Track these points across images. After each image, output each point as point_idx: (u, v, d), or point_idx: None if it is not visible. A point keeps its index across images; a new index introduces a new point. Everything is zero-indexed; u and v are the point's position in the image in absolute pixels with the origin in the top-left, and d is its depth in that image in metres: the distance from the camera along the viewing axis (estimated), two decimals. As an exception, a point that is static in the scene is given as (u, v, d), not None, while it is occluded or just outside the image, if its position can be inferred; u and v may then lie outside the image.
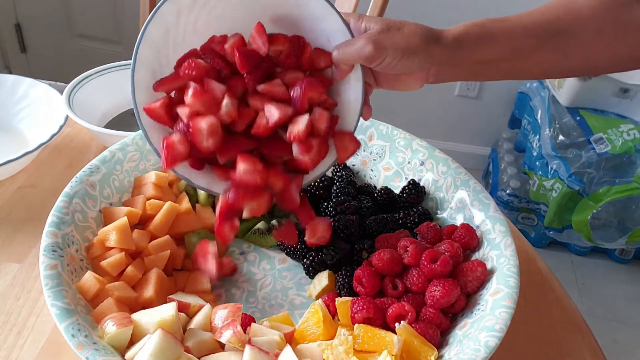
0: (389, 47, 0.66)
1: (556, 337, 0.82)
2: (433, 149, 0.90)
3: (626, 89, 2.09)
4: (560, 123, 2.14)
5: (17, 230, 0.91)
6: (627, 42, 0.70)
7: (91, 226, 0.77)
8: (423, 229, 0.81)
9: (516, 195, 2.35)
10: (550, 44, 0.70)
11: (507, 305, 0.67)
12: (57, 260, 0.69)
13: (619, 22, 0.69)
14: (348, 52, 0.68)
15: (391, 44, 0.66)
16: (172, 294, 0.73)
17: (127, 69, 1.19)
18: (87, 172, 0.80)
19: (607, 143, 2.05)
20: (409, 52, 0.66)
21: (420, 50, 0.66)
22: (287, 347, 0.65)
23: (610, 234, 2.19)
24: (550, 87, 2.25)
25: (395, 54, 0.66)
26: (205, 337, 0.66)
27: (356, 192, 0.89)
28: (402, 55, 0.66)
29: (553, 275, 0.92)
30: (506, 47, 0.69)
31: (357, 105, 0.73)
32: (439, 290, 0.69)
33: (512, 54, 0.70)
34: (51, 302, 0.64)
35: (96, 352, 0.60)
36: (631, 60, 0.72)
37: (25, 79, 1.13)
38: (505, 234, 0.76)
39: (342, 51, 0.69)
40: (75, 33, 2.78)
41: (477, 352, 0.62)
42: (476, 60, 0.70)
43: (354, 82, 0.72)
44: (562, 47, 0.70)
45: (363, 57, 0.67)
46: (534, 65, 0.72)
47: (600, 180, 2.10)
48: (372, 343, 0.66)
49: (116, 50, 2.77)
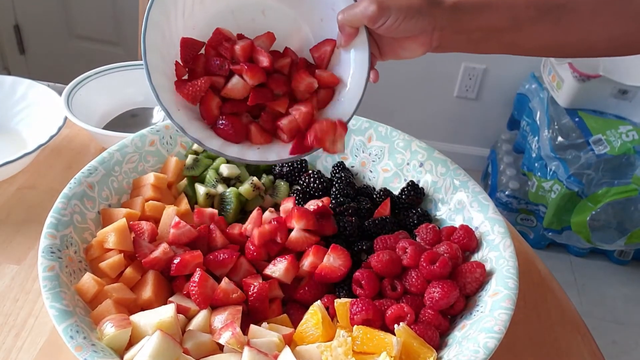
0: (392, 7, 0.69)
1: (555, 338, 0.82)
2: (432, 150, 0.90)
3: (625, 91, 2.09)
4: (559, 124, 2.14)
5: (15, 231, 0.91)
6: (622, 26, 0.72)
7: (90, 228, 0.77)
8: (422, 230, 0.80)
9: (515, 196, 2.35)
10: (550, 16, 0.71)
11: (506, 307, 0.67)
12: (56, 261, 0.69)
13: (616, 3, 0.71)
14: (352, 13, 0.71)
15: (394, 3, 0.69)
16: (171, 297, 0.73)
17: (126, 71, 1.19)
18: (85, 173, 0.80)
19: (605, 144, 2.05)
20: (411, 12, 0.69)
21: (423, 10, 0.69)
22: (286, 349, 0.65)
23: (609, 236, 2.19)
24: (549, 89, 2.25)
25: (398, 14, 0.69)
26: (204, 338, 0.66)
27: (355, 193, 0.89)
28: (405, 15, 0.69)
29: (552, 276, 0.92)
30: (506, 15, 0.71)
31: (364, 66, 0.75)
32: (438, 292, 0.69)
33: (511, 24, 0.72)
34: (50, 304, 0.64)
35: (95, 354, 0.60)
36: (626, 46, 0.74)
37: (24, 80, 1.13)
38: (505, 236, 0.76)
39: (347, 13, 0.72)
40: (74, 34, 2.78)
41: (476, 354, 0.62)
42: (476, 27, 0.72)
43: (360, 45, 0.75)
44: (562, 21, 0.72)
45: (367, 17, 0.70)
46: (534, 38, 0.74)
47: (599, 182, 2.10)
48: (371, 344, 0.66)
49: (115, 52, 2.77)
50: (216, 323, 0.68)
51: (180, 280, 0.73)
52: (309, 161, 0.95)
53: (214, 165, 0.89)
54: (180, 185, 0.87)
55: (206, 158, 0.90)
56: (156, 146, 0.88)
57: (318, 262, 0.75)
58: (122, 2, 2.59)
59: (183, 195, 0.86)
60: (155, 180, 0.83)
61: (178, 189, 0.87)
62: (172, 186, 0.87)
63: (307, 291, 0.75)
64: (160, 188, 0.84)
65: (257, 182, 0.87)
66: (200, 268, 0.71)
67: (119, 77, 1.18)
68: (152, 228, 0.77)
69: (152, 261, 0.73)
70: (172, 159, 0.87)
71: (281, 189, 0.89)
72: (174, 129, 0.89)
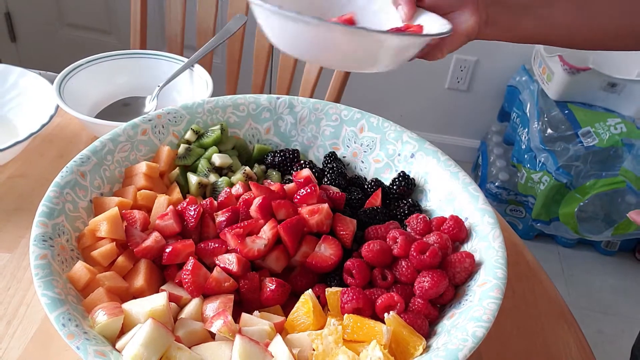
0: None
1: (543, 327, 0.83)
2: (423, 142, 0.91)
3: (614, 84, 2.11)
4: (549, 116, 2.16)
5: (7, 220, 0.91)
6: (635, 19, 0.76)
7: (82, 216, 0.77)
8: (412, 220, 0.81)
9: (505, 187, 2.37)
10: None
11: (495, 297, 0.68)
12: (48, 250, 0.69)
13: None
14: None
15: None
16: (163, 285, 0.73)
17: (118, 59, 1.19)
18: (77, 162, 0.80)
19: (594, 137, 2.07)
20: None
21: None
22: (277, 337, 0.65)
23: (596, 227, 2.22)
24: (540, 81, 2.26)
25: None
26: (196, 327, 0.66)
27: (347, 183, 0.90)
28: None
29: (540, 267, 0.93)
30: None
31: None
32: (427, 281, 0.70)
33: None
34: (41, 292, 0.64)
35: (87, 342, 0.60)
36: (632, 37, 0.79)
37: (15, 68, 1.12)
38: (494, 226, 0.77)
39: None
40: (66, 22, 2.76)
41: (465, 342, 0.63)
42: (515, 1, 0.75)
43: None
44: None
45: None
46: (562, 14, 0.77)
47: (587, 174, 2.12)
48: (361, 333, 0.66)
49: (107, 40, 2.75)
50: (208, 311, 0.68)
51: (172, 268, 0.74)
52: (301, 151, 0.95)
53: (206, 155, 0.89)
54: (172, 175, 0.87)
55: (198, 147, 0.90)
56: (148, 135, 0.88)
57: (310, 251, 0.75)
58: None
59: (175, 185, 0.86)
60: (148, 169, 0.84)
61: (170, 178, 0.87)
62: (164, 175, 0.87)
63: (298, 280, 0.75)
64: (152, 177, 0.84)
65: (249, 172, 0.87)
66: (193, 257, 0.72)
67: (111, 65, 1.18)
68: (145, 217, 0.77)
69: (144, 250, 0.73)
70: (164, 148, 0.88)
71: (273, 179, 0.89)
72: (166, 118, 0.89)
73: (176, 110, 0.91)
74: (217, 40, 1.23)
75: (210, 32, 1.56)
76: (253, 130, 0.95)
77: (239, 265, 0.71)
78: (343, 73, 1.44)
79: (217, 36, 1.24)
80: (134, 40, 1.61)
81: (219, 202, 0.80)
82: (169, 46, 1.61)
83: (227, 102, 0.94)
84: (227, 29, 1.25)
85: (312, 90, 1.48)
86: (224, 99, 0.94)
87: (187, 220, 0.77)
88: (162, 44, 2.65)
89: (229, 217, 0.77)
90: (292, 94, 1.17)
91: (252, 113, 0.95)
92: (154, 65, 1.21)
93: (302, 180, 0.83)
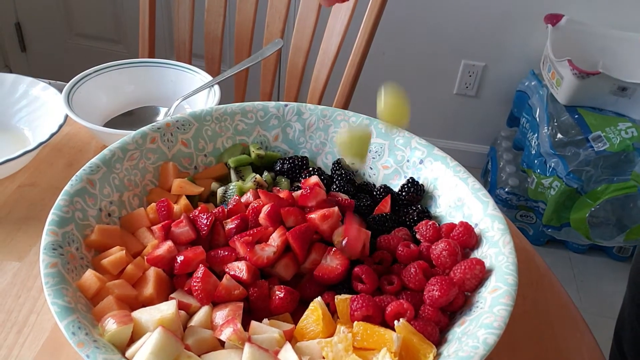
0: None
1: (554, 334, 0.82)
2: (432, 148, 0.90)
3: (624, 87, 2.10)
4: (559, 121, 2.15)
5: (17, 228, 0.91)
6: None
7: (91, 224, 0.78)
8: (422, 227, 0.81)
9: (515, 193, 2.36)
10: None
11: (506, 303, 0.67)
12: (58, 258, 0.69)
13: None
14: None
15: None
16: (173, 293, 0.73)
17: (127, 68, 1.19)
18: (87, 170, 0.81)
19: (605, 141, 2.06)
20: None
21: None
22: (287, 345, 0.65)
23: (608, 232, 2.20)
24: (549, 86, 2.25)
25: None
26: (205, 335, 0.66)
27: (355, 190, 0.89)
28: None
29: (551, 272, 0.93)
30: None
31: None
32: (437, 290, 0.70)
33: None
34: (51, 301, 0.64)
35: (97, 350, 0.60)
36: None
37: (25, 78, 1.13)
38: (504, 232, 0.76)
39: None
40: (75, 32, 2.78)
41: (476, 350, 0.62)
42: None
43: None
44: None
45: None
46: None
47: (598, 179, 2.10)
48: (371, 340, 0.66)
49: (116, 49, 2.77)
50: (217, 319, 0.68)
51: (182, 276, 0.74)
52: (309, 158, 0.95)
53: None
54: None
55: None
56: (157, 143, 0.88)
57: (319, 258, 0.75)
58: None
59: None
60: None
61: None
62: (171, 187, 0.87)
63: (307, 287, 0.75)
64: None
65: (259, 179, 0.87)
66: (204, 265, 0.72)
67: (120, 74, 1.19)
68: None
69: (156, 259, 0.73)
70: (169, 165, 0.88)
71: (282, 186, 0.89)
72: (174, 126, 0.90)
73: (185, 119, 0.91)
74: (250, 62, 1.23)
75: (218, 40, 1.56)
76: (261, 137, 0.95)
77: (248, 273, 0.71)
78: (351, 79, 1.44)
79: (250, 58, 1.24)
80: (142, 49, 1.62)
81: (229, 209, 0.80)
82: (177, 54, 1.62)
83: (235, 109, 0.94)
84: (262, 52, 1.25)
85: (320, 97, 1.48)
86: (232, 107, 0.94)
87: (199, 228, 0.77)
88: (170, 52, 2.66)
89: (238, 225, 0.77)
90: (300, 101, 1.17)
91: (260, 120, 0.95)
92: (162, 74, 1.21)
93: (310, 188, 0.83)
